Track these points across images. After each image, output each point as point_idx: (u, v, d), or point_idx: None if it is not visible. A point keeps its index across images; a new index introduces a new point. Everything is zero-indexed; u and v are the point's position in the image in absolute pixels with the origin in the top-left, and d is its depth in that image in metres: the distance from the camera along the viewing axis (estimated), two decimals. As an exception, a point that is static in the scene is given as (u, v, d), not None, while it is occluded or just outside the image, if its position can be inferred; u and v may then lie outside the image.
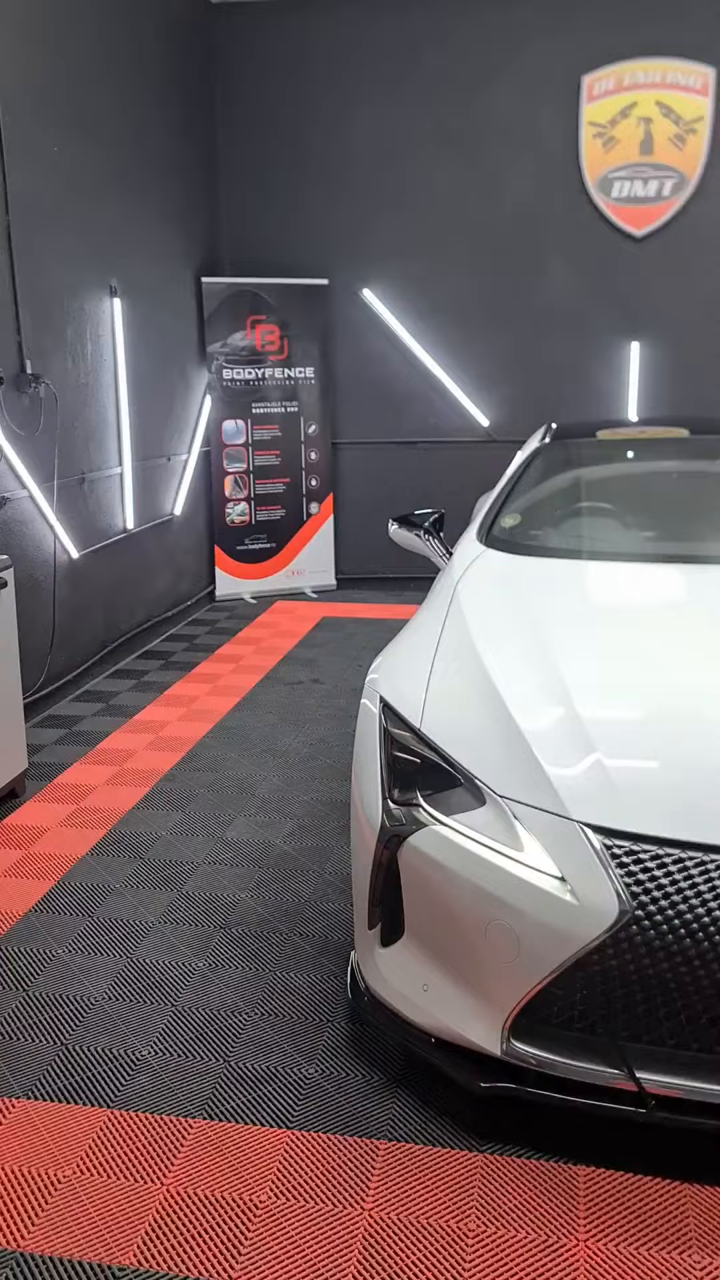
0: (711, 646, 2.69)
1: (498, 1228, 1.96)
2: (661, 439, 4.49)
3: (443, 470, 7.68)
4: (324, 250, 7.60)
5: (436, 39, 7.14)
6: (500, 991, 2.10)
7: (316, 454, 7.82)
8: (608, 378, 7.44)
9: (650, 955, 1.98)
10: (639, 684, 2.50)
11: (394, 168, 7.40)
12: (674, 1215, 1.99)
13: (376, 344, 7.72)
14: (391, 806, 2.33)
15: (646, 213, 7.06)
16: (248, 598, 7.73)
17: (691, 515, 3.80)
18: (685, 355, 7.29)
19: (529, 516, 3.83)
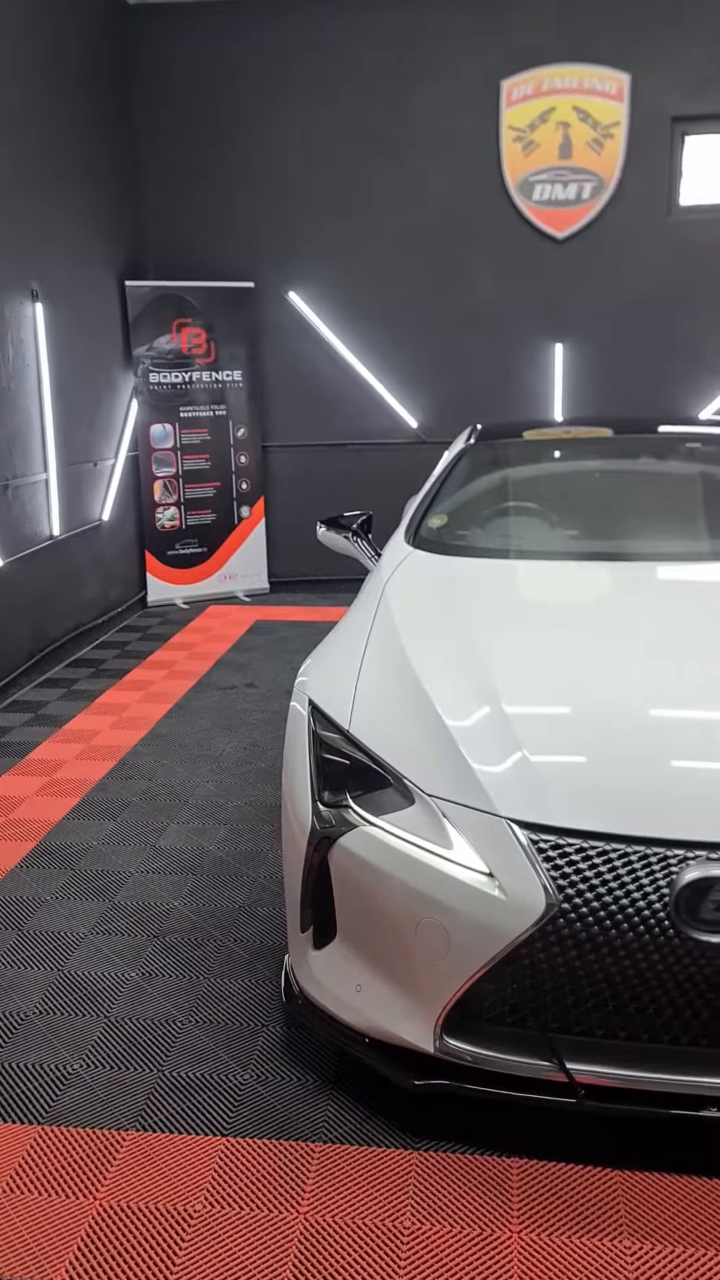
0: (636, 643, 2.74)
1: (432, 1224, 1.97)
2: (585, 439, 4.56)
3: (373, 472, 7.71)
4: (249, 253, 7.58)
5: (358, 43, 7.16)
6: (432, 989, 2.11)
7: (246, 457, 7.79)
8: (533, 378, 7.53)
9: (577, 947, 2.01)
10: (565, 681, 2.54)
11: (318, 170, 7.40)
12: (605, 1202, 2.02)
13: (304, 346, 7.72)
14: (321, 809, 2.33)
15: (567, 215, 7.16)
16: (180, 603, 7.67)
17: (616, 513, 3.86)
18: (608, 355, 7.41)
19: (455, 517, 3.85)
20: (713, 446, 4.30)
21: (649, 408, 7.22)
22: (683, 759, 2.22)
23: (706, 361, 7.27)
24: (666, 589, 3.17)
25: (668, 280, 7.20)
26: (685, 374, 7.31)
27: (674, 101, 6.97)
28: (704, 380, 7.31)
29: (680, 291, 7.19)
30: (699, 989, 1.98)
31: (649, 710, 2.36)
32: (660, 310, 7.24)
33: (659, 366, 7.34)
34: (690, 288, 7.17)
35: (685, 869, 1.99)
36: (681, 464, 4.22)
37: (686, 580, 3.21)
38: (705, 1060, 2.03)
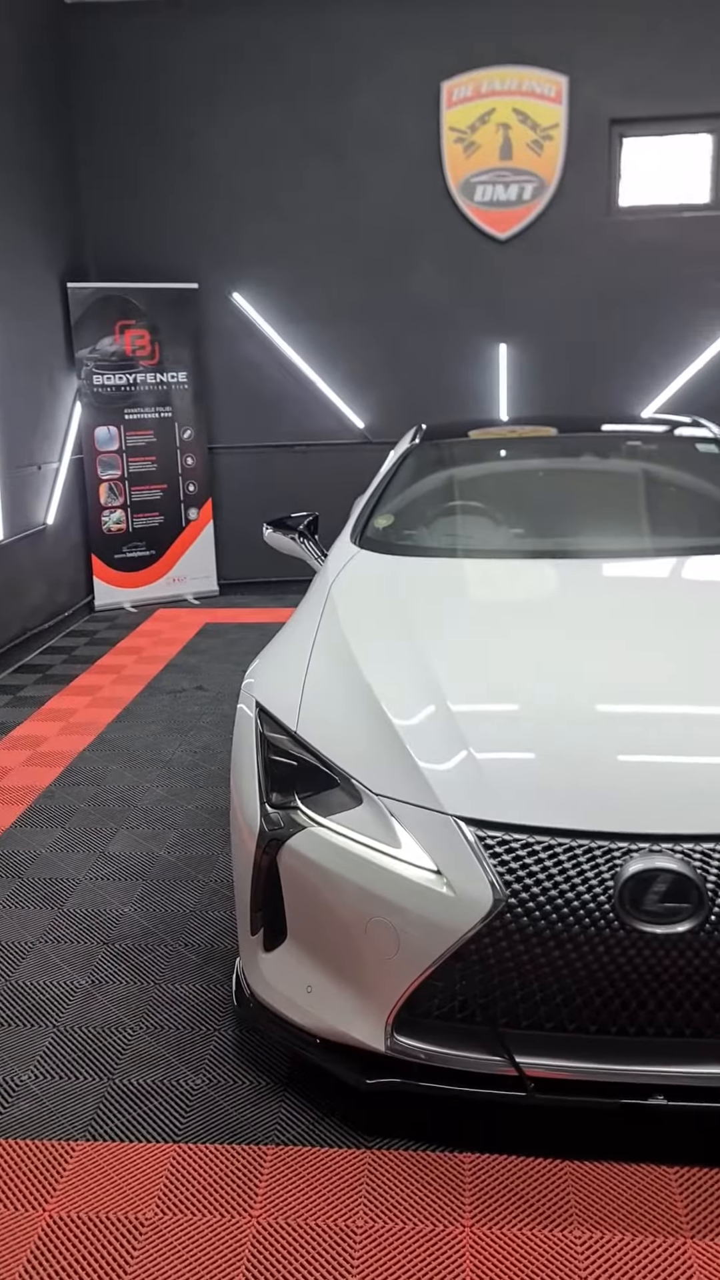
0: (581, 639, 2.77)
1: (385, 1221, 1.98)
2: (530, 438, 4.60)
3: (321, 472, 7.70)
4: (192, 254, 7.54)
5: (298, 42, 7.15)
6: (382, 988, 2.12)
7: (193, 459, 7.75)
8: (478, 378, 7.58)
9: (524, 942, 2.03)
10: (510, 678, 2.56)
11: (260, 170, 7.38)
12: (555, 1193, 2.04)
13: (249, 347, 7.69)
14: (269, 811, 2.33)
15: (508, 216, 7.22)
16: (128, 606, 7.60)
17: (561, 511, 3.90)
18: (551, 355, 7.48)
19: (401, 517, 3.87)
20: (654, 444, 4.36)
21: (593, 406, 7.29)
22: (626, 754, 2.25)
23: (647, 360, 7.37)
24: (611, 586, 3.21)
25: (608, 280, 7.28)
26: (627, 372, 7.41)
27: (612, 104, 7.05)
28: (645, 379, 7.41)
29: (621, 291, 7.28)
30: (644, 979, 2.01)
31: (593, 706, 2.39)
32: (602, 310, 7.33)
33: (602, 365, 7.42)
34: (630, 287, 7.26)
35: (628, 861, 2.01)
36: (624, 462, 4.28)
37: (630, 577, 3.25)
38: (652, 1049, 2.06)
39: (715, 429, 4.24)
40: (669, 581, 3.23)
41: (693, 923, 1.97)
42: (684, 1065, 2.03)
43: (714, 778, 2.18)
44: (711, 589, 3.19)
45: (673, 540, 3.54)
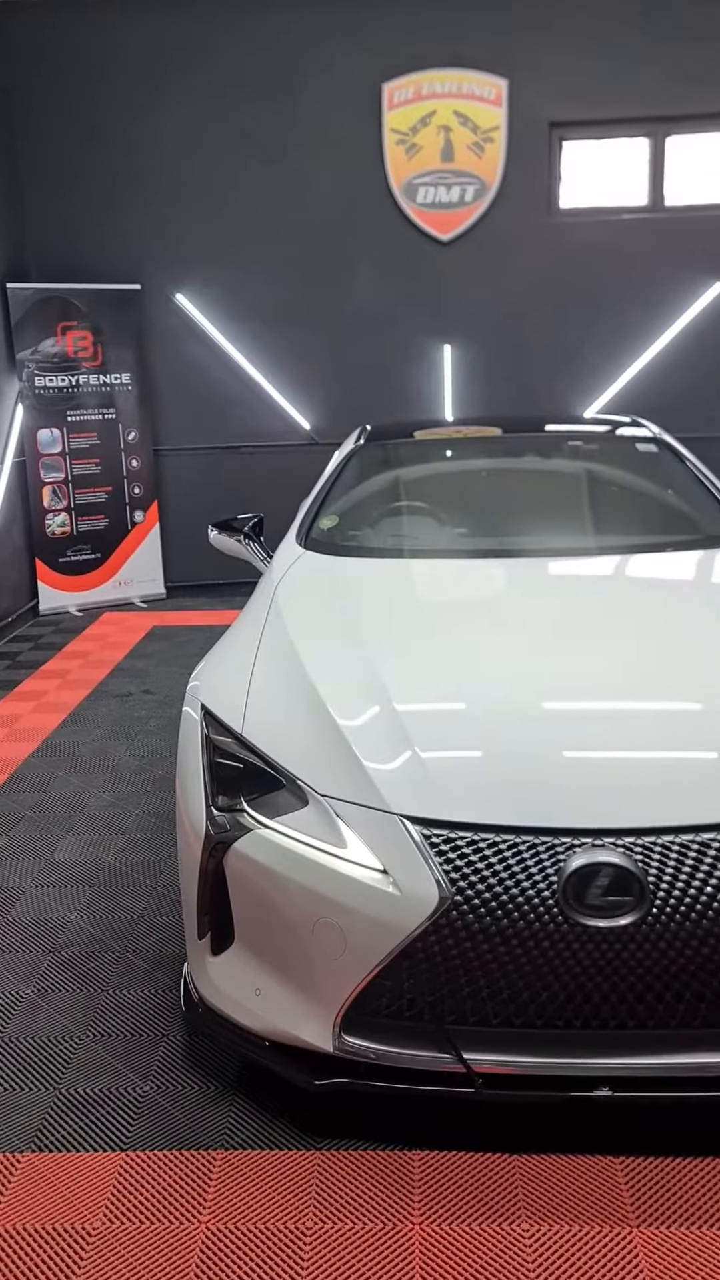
0: (525, 638, 2.80)
1: (335, 1222, 1.98)
2: (474, 438, 4.63)
3: (268, 474, 7.68)
4: (135, 255, 7.47)
5: (238, 41, 7.13)
6: (330, 988, 2.12)
7: (138, 461, 7.69)
8: (423, 379, 7.61)
9: (470, 939, 2.04)
10: (455, 677, 2.57)
11: (202, 171, 7.34)
12: (504, 1187, 2.06)
13: (194, 348, 7.65)
14: (215, 813, 2.32)
15: (451, 218, 7.26)
16: (73, 610, 7.52)
17: (505, 511, 3.93)
18: (495, 356, 7.53)
19: (346, 518, 3.87)
20: (596, 444, 4.42)
21: (537, 407, 7.36)
22: (569, 750, 2.27)
23: (590, 360, 7.45)
24: (555, 584, 3.25)
25: (550, 281, 7.35)
26: (570, 373, 7.48)
27: (551, 107, 7.12)
28: (588, 379, 7.49)
29: (563, 292, 7.35)
30: (588, 973, 2.03)
31: (537, 704, 2.42)
32: (544, 311, 7.40)
33: (545, 366, 7.49)
34: (572, 289, 7.34)
35: (572, 856, 2.04)
36: (567, 462, 4.32)
37: (574, 575, 3.29)
38: (597, 1042, 2.08)
39: (654, 429, 4.30)
40: (611, 580, 3.27)
41: (635, 916, 2.00)
42: (628, 1057, 2.06)
43: (655, 772, 2.22)
44: (652, 586, 3.24)
45: (615, 539, 3.59)
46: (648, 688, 2.49)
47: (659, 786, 2.17)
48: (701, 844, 2.04)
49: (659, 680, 2.52)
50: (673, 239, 7.25)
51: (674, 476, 3.93)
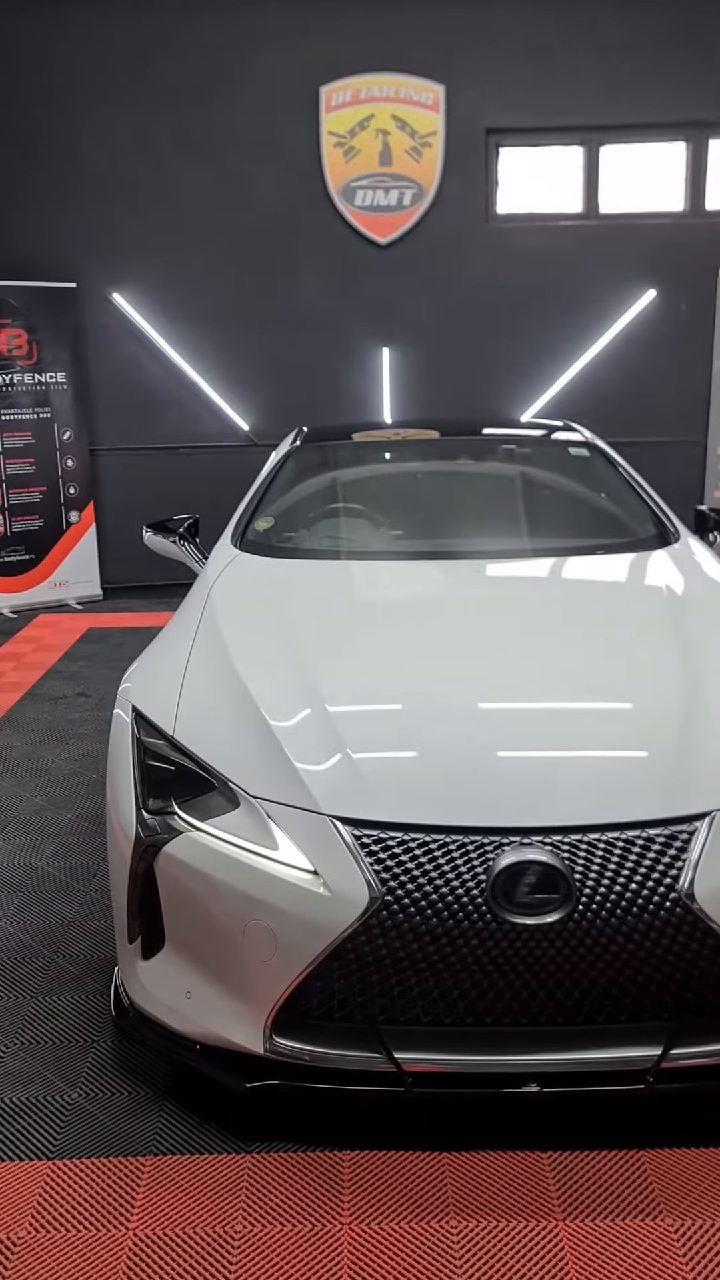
0: (457, 638, 2.82)
1: (264, 1225, 1.97)
2: (410, 440, 4.65)
3: (207, 474, 7.63)
4: (70, 253, 7.38)
5: (176, 41, 7.08)
6: (261, 990, 2.12)
7: (74, 461, 7.59)
8: (363, 381, 7.63)
9: (400, 938, 2.05)
10: (388, 678, 2.59)
11: (138, 170, 7.28)
12: (433, 1185, 2.07)
13: (131, 348, 7.58)
14: (146, 816, 2.30)
15: (389, 221, 7.29)
16: (7, 612, 7.40)
17: (441, 513, 3.96)
18: (434, 359, 7.58)
19: (282, 519, 3.87)
20: (531, 448, 4.47)
21: (474, 410, 7.42)
22: (497, 750, 2.30)
23: (526, 365, 7.53)
24: (488, 586, 3.28)
25: (488, 286, 7.42)
26: (507, 377, 7.56)
27: (488, 113, 7.19)
28: (524, 383, 7.57)
29: (499, 297, 7.42)
30: (516, 970, 2.05)
31: (468, 705, 2.44)
32: (481, 315, 7.46)
33: (483, 369, 7.56)
34: (509, 294, 7.41)
35: (501, 855, 2.06)
36: (502, 465, 4.36)
37: (508, 577, 3.32)
38: (525, 1039, 2.10)
39: (587, 433, 4.36)
40: (544, 582, 3.31)
41: (562, 913, 2.02)
42: (556, 1053, 2.09)
43: (583, 771, 2.25)
44: (584, 589, 3.29)
45: (547, 541, 3.62)
46: (579, 688, 2.53)
47: (587, 785, 2.20)
48: (626, 841, 2.08)
49: (590, 681, 2.55)
50: (607, 246, 7.37)
51: (606, 480, 3.99)
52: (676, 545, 3.48)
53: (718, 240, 7.29)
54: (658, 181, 7.44)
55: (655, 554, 3.39)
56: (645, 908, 2.03)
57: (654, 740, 2.30)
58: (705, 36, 7.01)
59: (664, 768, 2.22)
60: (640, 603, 3.14)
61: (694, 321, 7.34)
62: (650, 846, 2.08)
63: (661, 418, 7.48)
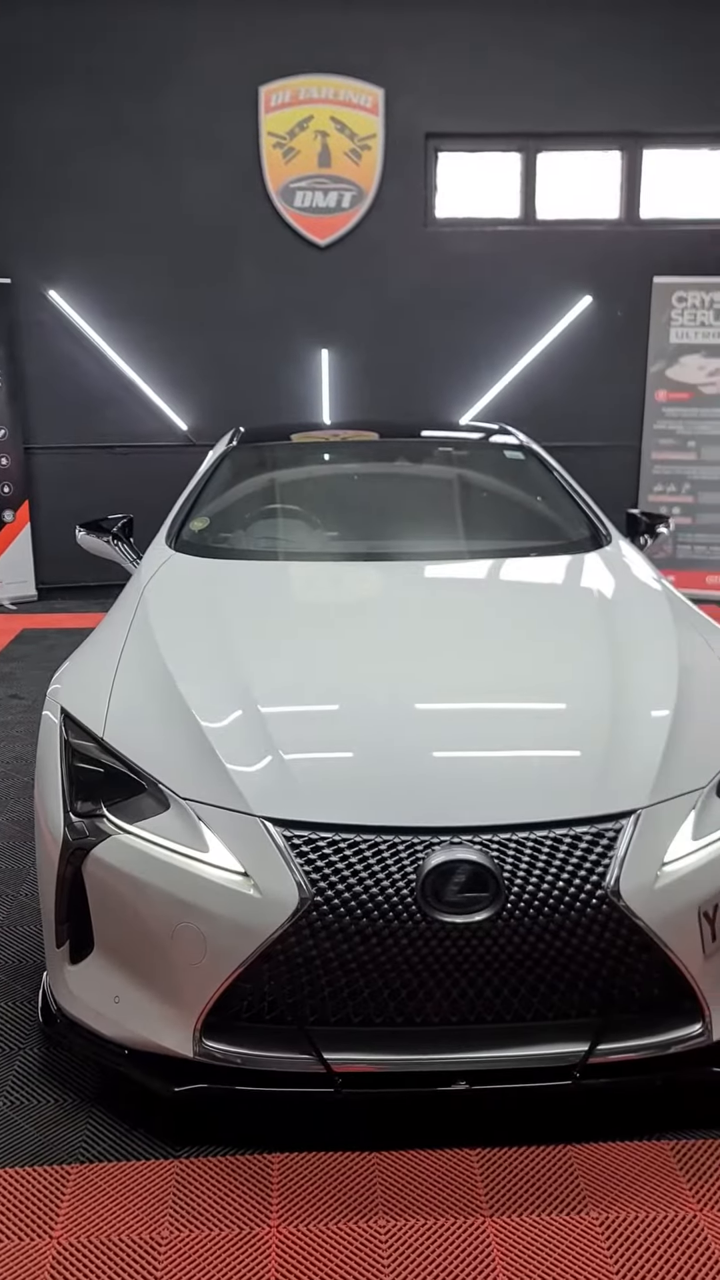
0: (391, 639, 2.83)
1: (191, 1230, 1.96)
2: (347, 442, 4.65)
3: (144, 474, 7.55)
4: (5, 249, 7.27)
5: (113, 37, 7.01)
6: (190, 993, 2.10)
7: (8, 459, 7.47)
8: (302, 382, 7.62)
9: (330, 939, 2.05)
10: (321, 679, 2.59)
11: (77, 166, 7.19)
12: (363, 1185, 2.07)
13: (67, 346, 7.48)
14: (74, 819, 2.27)
15: (328, 223, 7.30)
16: (-61, 613, 7.26)
17: (378, 515, 3.97)
18: (373, 361, 7.60)
19: (218, 520, 3.85)
20: (467, 450, 4.49)
21: (414, 412, 7.45)
22: (427, 750, 2.31)
23: (464, 368, 7.59)
24: (423, 587, 3.29)
25: (427, 289, 7.46)
26: (446, 379, 7.60)
27: (427, 118, 7.23)
28: (462, 386, 7.62)
29: (438, 301, 7.47)
30: (445, 969, 2.06)
31: (400, 705, 2.45)
32: (420, 318, 7.50)
33: (422, 372, 7.59)
34: (447, 297, 7.46)
35: (430, 855, 2.07)
36: (439, 467, 4.39)
37: (443, 578, 3.34)
38: (454, 1037, 2.11)
39: (522, 437, 4.40)
40: (479, 583, 3.34)
41: (490, 911, 2.03)
42: (484, 1050, 2.10)
43: (511, 770, 2.27)
44: (518, 590, 3.32)
45: (483, 543, 3.65)
46: (510, 689, 2.55)
47: (516, 785, 2.22)
48: (554, 840, 2.10)
49: (521, 682, 2.58)
50: (544, 252, 7.45)
51: (540, 483, 4.03)
52: (608, 548, 3.53)
53: (652, 248, 7.41)
54: (594, 189, 7.54)
55: (587, 556, 3.44)
56: (572, 905, 2.05)
57: (582, 740, 2.33)
58: (640, 48, 7.13)
59: (591, 767, 2.25)
60: (571, 605, 3.18)
61: (629, 328, 7.46)
62: (578, 845, 2.10)
63: (597, 423, 7.59)
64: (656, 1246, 1.93)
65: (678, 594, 3.19)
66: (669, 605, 3.01)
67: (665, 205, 7.55)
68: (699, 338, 7.24)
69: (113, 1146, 2.18)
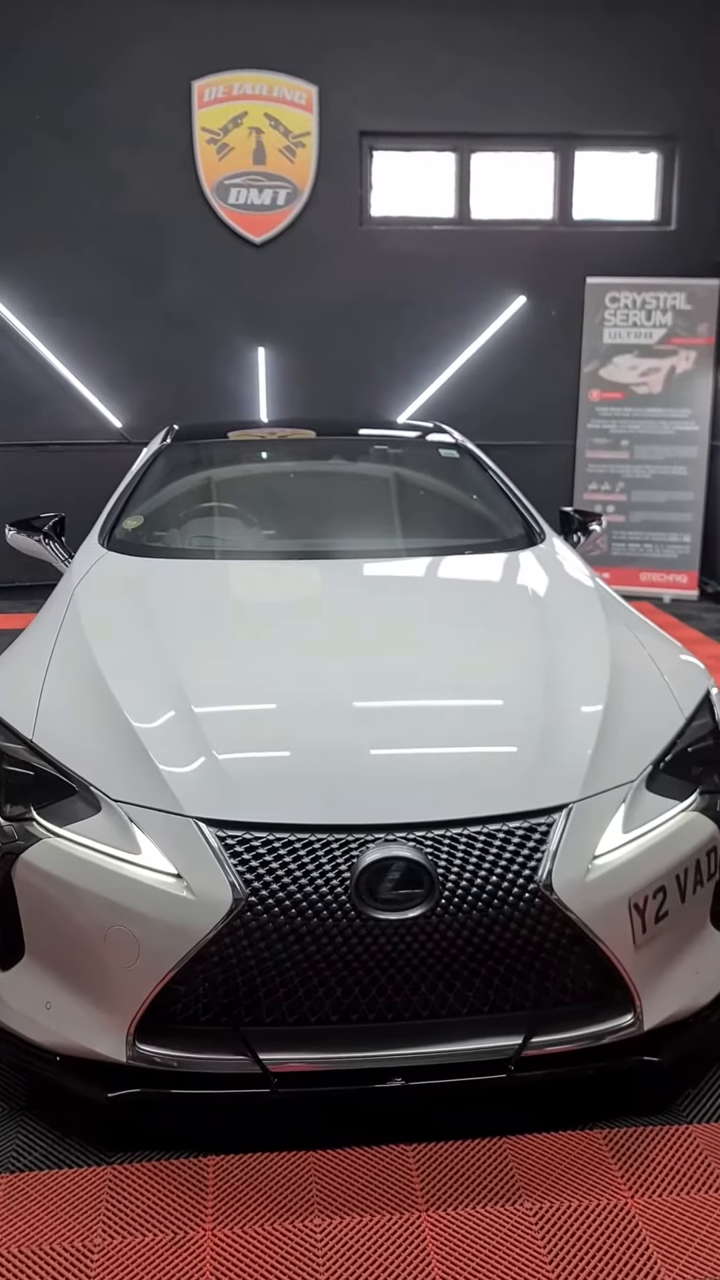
0: (326, 637, 2.83)
1: (125, 1236, 1.94)
2: (281, 440, 4.64)
3: (78, 472, 7.45)
4: (-68, 240, 7.13)
5: (43, 27, 6.90)
6: (124, 997, 2.08)
7: (-62, 457, 7.32)
8: (238, 380, 7.58)
9: (265, 939, 2.04)
10: (256, 678, 2.58)
11: (6, 157, 7.06)
12: (298, 1184, 2.07)
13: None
14: (2, 823, 2.23)
15: (264, 220, 7.26)
16: None
17: (315, 513, 3.96)
18: (310, 360, 7.58)
19: (151, 518, 3.81)
20: (403, 449, 4.51)
21: (351, 411, 7.45)
22: (364, 748, 2.31)
23: (401, 367, 7.61)
24: (360, 586, 3.29)
25: (362, 288, 7.46)
26: (383, 378, 7.62)
27: (361, 116, 7.23)
28: (399, 385, 7.64)
29: (374, 299, 7.47)
30: (380, 966, 2.06)
31: (334, 704, 2.44)
32: (357, 316, 7.50)
33: (358, 371, 7.60)
34: (383, 296, 7.47)
35: (365, 852, 2.07)
36: (374, 465, 4.39)
37: (379, 577, 3.35)
38: (390, 1034, 2.12)
39: (457, 435, 4.43)
40: (414, 581, 3.35)
41: (424, 907, 2.04)
42: (420, 1046, 2.10)
43: (445, 767, 2.28)
44: (454, 588, 3.34)
45: (418, 541, 3.67)
46: (446, 686, 2.56)
47: (450, 781, 2.23)
48: (488, 835, 2.11)
49: (455, 678, 2.59)
50: (479, 252, 7.50)
51: (475, 482, 4.06)
52: (541, 545, 3.56)
53: (585, 249, 7.50)
54: (528, 190, 7.61)
55: (521, 554, 3.47)
56: (505, 899, 2.07)
57: (515, 736, 2.35)
58: (571, 51, 7.21)
59: (524, 762, 2.27)
60: (505, 602, 3.20)
61: (563, 328, 7.54)
62: (511, 839, 2.12)
63: (534, 422, 7.66)
64: (587, 1234, 1.96)
65: (610, 591, 3.23)
66: (600, 602, 3.04)
67: (598, 207, 7.64)
68: (631, 338, 7.35)
69: (45, 1155, 2.15)
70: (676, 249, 7.49)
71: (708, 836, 2.29)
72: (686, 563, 7.45)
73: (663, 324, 7.30)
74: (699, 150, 7.43)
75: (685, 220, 7.51)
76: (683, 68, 7.28)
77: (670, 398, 7.34)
